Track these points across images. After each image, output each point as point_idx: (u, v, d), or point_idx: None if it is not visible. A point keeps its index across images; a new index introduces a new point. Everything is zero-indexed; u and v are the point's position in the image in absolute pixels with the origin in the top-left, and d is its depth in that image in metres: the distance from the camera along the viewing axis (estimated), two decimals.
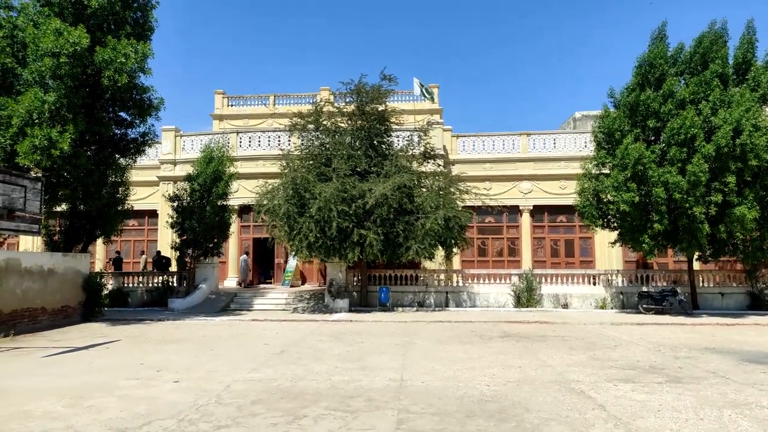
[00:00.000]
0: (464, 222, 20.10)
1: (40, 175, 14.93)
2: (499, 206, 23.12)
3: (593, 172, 20.01)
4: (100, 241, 23.31)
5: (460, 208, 20.13)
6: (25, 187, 10.88)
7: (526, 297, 20.50)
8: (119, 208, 18.21)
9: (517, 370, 9.05)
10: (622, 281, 21.38)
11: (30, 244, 26.96)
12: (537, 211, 26.47)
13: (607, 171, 19.60)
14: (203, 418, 6.35)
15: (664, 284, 20.95)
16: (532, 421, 6.19)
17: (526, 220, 26.27)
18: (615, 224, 19.81)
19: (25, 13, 15.62)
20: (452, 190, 20.76)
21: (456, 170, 24.64)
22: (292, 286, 24.95)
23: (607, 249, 24.24)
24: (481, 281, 21.81)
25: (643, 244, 18.45)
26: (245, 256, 26.20)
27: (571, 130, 30.29)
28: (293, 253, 21.07)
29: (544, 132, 27.10)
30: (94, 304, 17.06)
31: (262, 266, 27.87)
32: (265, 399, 7.23)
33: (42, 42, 14.35)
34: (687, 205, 17.14)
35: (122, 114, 17.40)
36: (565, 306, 20.68)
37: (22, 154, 14.29)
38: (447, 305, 21.14)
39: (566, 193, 25.64)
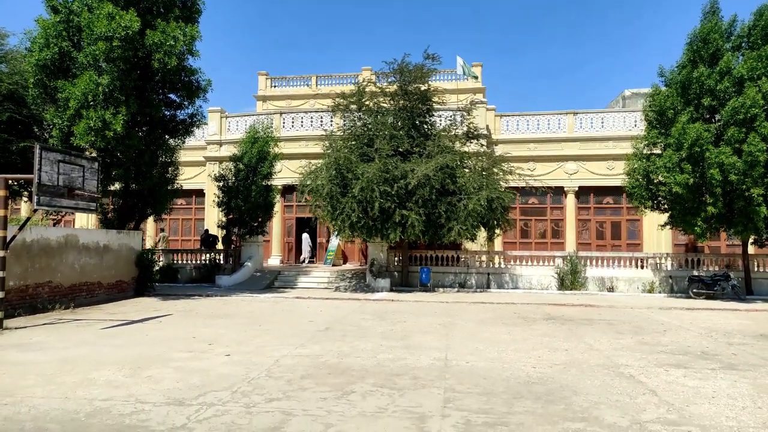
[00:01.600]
0: (507, 203, 19.85)
1: (95, 155, 15.50)
2: (543, 187, 22.70)
3: (644, 152, 19.35)
4: (150, 219, 24.11)
5: (503, 189, 19.87)
6: (84, 166, 11.33)
7: (570, 280, 20.16)
8: (169, 187, 18.75)
9: (563, 353, 8.97)
10: (672, 265, 20.74)
11: (85, 221, 28.18)
12: (582, 192, 25.86)
13: (658, 151, 18.92)
14: (255, 390, 6.56)
15: (716, 268, 20.22)
16: (580, 404, 6.14)
17: (570, 201, 25.73)
18: (666, 206, 19.16)
19: None
20: (495, 170, 20.50)
21: (499, 150, 24.25)
22: (334, 265, 25.30)
23: (656, 232, 23.52)
24: (524, 263, 21.56)
25: (695, 227, 17.82)
26: (306, 234, 26.83)
27: (620, 108, 29.29)
28: (336, 232, 21.31)
29: (591, 111, 26.32)
30: (146, 279, 17.75)
31: (302, 246, 28.30)
32: (314, 374, 7.41)
33: (96, 26, 14.75)
34: (744, 186, 16.41)
35: (171, 96, 17.80)
36: (611, 290, 20.25)
37: (78, 135, 14.86)
38: (488, 287, 21.03)
39: (614, 174, 24.93)
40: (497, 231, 21.40)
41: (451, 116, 22.41)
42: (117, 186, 17.92)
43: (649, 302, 17.24)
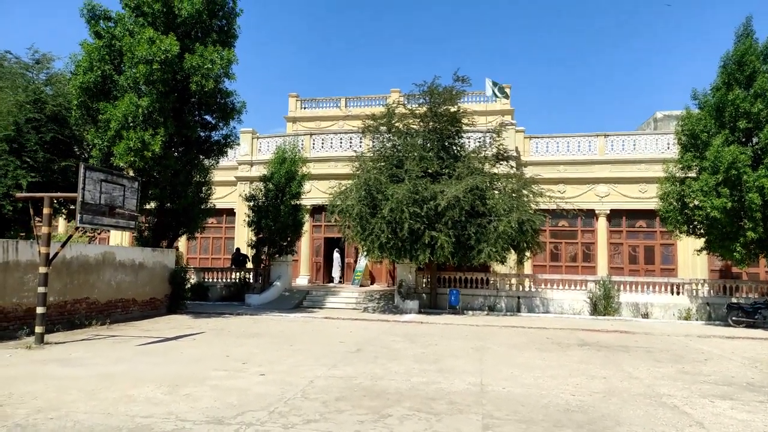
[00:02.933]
0: (538, 225, 19.65)
1: (134, 175, 15.93)
2: (574, 210, 22.43)
3: (677, 175, 19.01)
4: (182, 238, 24.52)
5: (533, 211, 19.70)
6: (124, 186, 11.65)
7: (603, 305, 19.73)
8: (203, 206, 19.10)
9: (601, 381, 8.75)
10: (709, 291, 20.16)
11: (119, 239, 28.82)
12: (614, 216, 25.45)
13: (693, 174, 18.57)
14: (292, 411, 6.56)
15: (756, 296, 19.57)
16: None
17: (602, 224, 25.33)
18: (702, 231, 18.71)
19: (121, 24, 16.68)
20: (525, 192, 20.36)
21: (529, 172, 24.10)
22: (361, 286, 25.28)
23: (691, 257, 22.94)
24: (555, 287, 21.22)
25: (734, 253, 17.34)
26: (338, 254, 26.97)
27: (652, 130, 28.90)
28: (364, 253, 21.35)
29: (622, 133, 26.03)
30: (179, 297, 18.01)
31: (333, 266, 28.42)
32: (349, 396, 7.38)
33: (137, 50, 15.30)
34: None
35: (207, 117, 18.25)
36: (646, 316, 19.75)
37: (118, 156, 15.33)
38: (518, 310, 20.73)
39: (646, 197, 24.50)
40: (527, 254, 21.17)
41: (480, 138, 22.43)
42: (152, 205, 18.32)
43: (687, 329, 16.75)
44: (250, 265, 23.74)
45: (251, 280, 22.97)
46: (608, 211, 25.28)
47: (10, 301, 11.77)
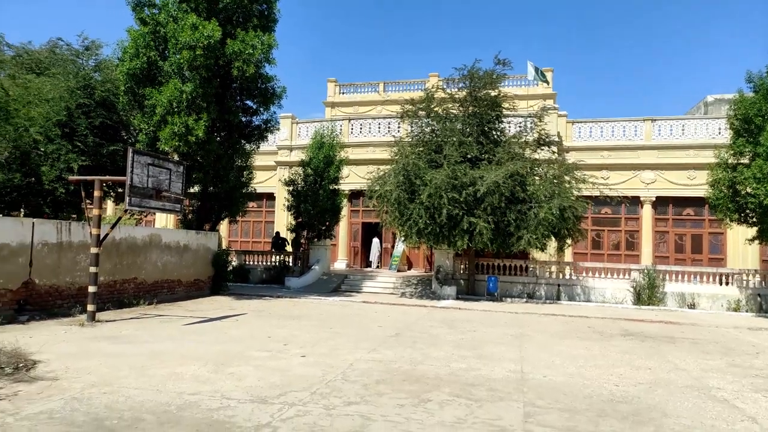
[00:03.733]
0: (580, 212, 19.22)
1: (178, 159, 16.31)
2: (618, 197, 21.80)
3: (729, 161, 18.21)
4: (224, 221, 25.05)
5: (575, 198, 19.25)
6: (170, 170, 11.95)
7: (648, 294, 19.21)
8: (244, 190, 19.44)
9: (646, 372, 8.54)
10: (760, 282, 19.35)
11: (164, 221, 29.67)
12: (660, 203, 24.66)
13: (746, 161, 17.75)
14: (333, 393, 6.65)
15: None
16: (672, 427, 5.82)
17: (647, 212, 24.58)
18: (754, 219, 17.93)
19: (165, 10, 16.94)
20: (567, 178, 19.91)
21: (571, 158, 23.52)
22: (398, 271, 25.35)
23: (742, 246, 22.02)
24: (596, 275, 20.76)
25: None
26: (377, 239, 27.13)
27: (702, 115, 27.75)
28: (402, 238, 21.36)
29: (670, 117, 25.08)
30: (221, 278, 18.46)
31: (370, 250, 28.56)
32: (389, 380, 7.43)
33: (181, 36, 15.54)
34: None
35: (248, 102, 18.46)
36: (692, 306, 19.13)
37: (163, 140, 15.70)
38: (558, 298, 20.40)
39: (695, 184, 23.63)
40: (568, 241, 20.76)
41: (521, 122, 21.99)
42: (196, 188, 18.74)
43: (736, 321, 16.16)
44: (289, 248, 24.10)
45: (290, 264, 23.32)
46: (654, 198, 24.51)
47: (64, 280, 12.30)
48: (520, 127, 21.65)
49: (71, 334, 9.99)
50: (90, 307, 11.24)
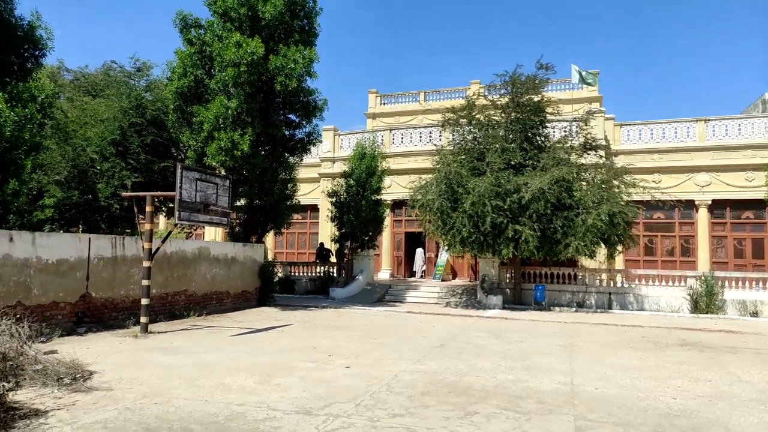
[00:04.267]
0: (631, 218, 18.58)
1: (224, 173, 16.76)
2: (671, 201, 20.99)
3: None
4: (269, 233, 25.51)
5: (624, 203, 18.64)
6: (217, 184, 12.27)
7: (706, 302, 18.31)
8: (288, 203, 19.76)
9: (706, 384, 8.11)
10: None
11: (212, 235, 30.48)
12: (717, 206, 23.57)
13: None
14: (378, 404, 6.60)
15: None
16: None
17: (702, 216, 23.53)
18: None
19: (211, 30, 17.52)
20: (616, 183, 19.31)
21: (620, 162, 22.81)
22: (442, 281, 25.15)
23: None
24: (650, 283, 19.98)
25: None
26: (421, 249, 27.10)
27: (759, 113, 26.44)
28: (445, 247, 21.20)
29: (725, 117, 24.00)
30: (268, 290, 18.76)
31: (413, 260, 28.49)
32: (434, 391, 7.33)
33: (225, 54, 16.02)
34: None
35: (291, 116, 18.81)
36: (755, 314, 18.12)
37: (210, 155, 16.18)
38: (610, 307, 19.72)
39: (754, 186, 22.51)
40: (619, 248, 20.08)
41: (566, 127, 21.52)
42: (242, 202, 19.19)
43: None
44: (333, 259, 24.30)
45: (335, 274, 23.49)
46: (710, 202, 23.45)
47: (118, 293, 12.78)
48: (565, 131, 21.19)
49: (125, 345, 10.34)
50: (143, 319, 11.62)
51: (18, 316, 8.12)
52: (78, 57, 78.18)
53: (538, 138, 20.52)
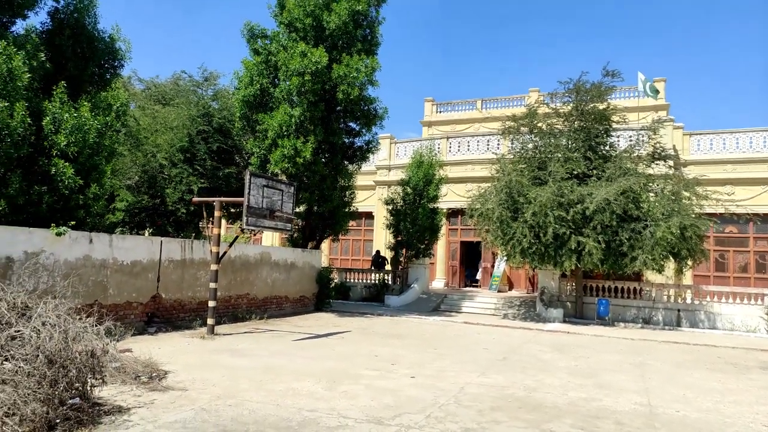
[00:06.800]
0: (702, 231, 17.67)
1: (286, 180, 17.09)
2: (746, 214, 19.84)
3: None
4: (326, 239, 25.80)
5: (695, 215, 17.74)
6: (282, 190, 12.50)
7: None
8: (346, 209, 19.93)
9: None
10: None
11: (269, 240, 31.13)
12: None
13: None
14: (448, 417, 6.49)
15: None
16: None
17: None
18: None
19: (276, 40, 17.96)
20: (686, 194, 18.41)
21: (691, 172, 21.75)
22: (499, 291, 24.69)
23: None
24: (722, 300, 18.89)
25: None
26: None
27: None
28: (504, 257, 20.81)
29: None
30: (324, 295, 18.95)
31: (468, 269, 28.15)
32: (503, 406, 7.14)
33: (290, 63, 16.35)
34: None
35: (351, 124, 19.00)
36: None
37: (273, 162, 16.53)
38: (679, 324, 18.77)
39: None
40: (689, 262, 19.10)
41: (632, 136, 20.76)
42: (302, 208, 19.49)
43: None
44: (388, 267, 24.30)
45: (390, 282, 23.47)
46: None
47: (186, 295, 13.20)
48: (631, 140, 20.43)
49: (194, 346, 10.64)
50: (209, 321, 11.94)
51: (97, 315, 8.50)
52: (150, 66, 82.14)
53: (602, 147, 19.88)
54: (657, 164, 20.00)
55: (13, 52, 10.38)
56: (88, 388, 6.01)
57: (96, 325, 6.39)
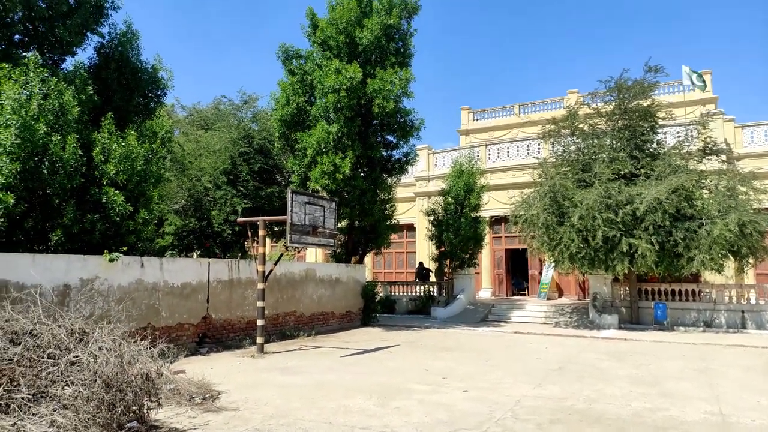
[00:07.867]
0: (764, 227, 16.72)
1: (326, 196, 17.20)
2: None
3: None
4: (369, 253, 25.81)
5: (754, 211, 16.83)
6: (324, 207, 12.56)
7: None
8: (387, 223, 19.87)
9: None
10: None
11: (313, 256, 31.37)
12: None
13: None
14: None
15: None
16: None
17: None
18: None
19: (311, 60, 18.23)
20: (743, 189, 17.51)
21: (746, 167, 20.70)
22: (548, 299, 24.03)
23: None
24: None
25: None
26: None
27: None
28: (552, 264, 20.27)
29: None
30: (370, 310, 18.87)
31: (515, 278, 27.58)
32: (563, 419, 6.85)
33: (325, 81, 16.53)
34: None
35: (388, 137, 19.01)
36: None
37: (313, 179, 16.67)
38: (744, 326, 17.76)
39: None
40: (750, 261, 18.11)
41: (680, 132, 19.95)
42: (343, 223, 19.56)
43: None
44: (433, 278, 24.05)
45: (435, 294, 23.20)
46: None
47: (234, 314, 13.37)
48: (679, 136, 19.63)
49: (245, 365, 10.71)
50: (259, 340, 12.03)
51: (150, 337, 8.66)
52: (192, 93, 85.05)
53: (649, 145, 19.17)
54: (709, 160, 19.11)
55: (63, 88, 10.86)
56: (145, 411, 6.09)
57: (150, 348, 6.49)
